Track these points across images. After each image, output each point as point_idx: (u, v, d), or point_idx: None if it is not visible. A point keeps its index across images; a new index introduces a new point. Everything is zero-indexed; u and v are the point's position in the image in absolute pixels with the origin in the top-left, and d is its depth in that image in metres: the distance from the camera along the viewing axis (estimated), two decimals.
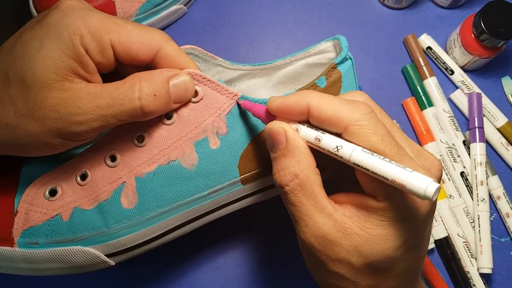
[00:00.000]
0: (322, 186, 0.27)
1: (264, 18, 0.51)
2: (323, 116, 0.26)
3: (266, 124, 0.29)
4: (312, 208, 0.26)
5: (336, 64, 0.34)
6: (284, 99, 0.28)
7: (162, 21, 0.48)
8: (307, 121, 0.28)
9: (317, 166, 0.28)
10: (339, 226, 0.26)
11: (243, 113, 0.33)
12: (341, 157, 0.25)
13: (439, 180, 0.28)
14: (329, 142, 0.26)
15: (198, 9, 0.51)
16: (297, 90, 0.33)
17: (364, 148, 0.25)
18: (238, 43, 0.51)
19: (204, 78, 0.32)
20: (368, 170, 0.24)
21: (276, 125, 0.28)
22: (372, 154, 0.24)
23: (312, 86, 0.33)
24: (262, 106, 0.30)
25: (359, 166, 0.25)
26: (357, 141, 0.25)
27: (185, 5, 0.50)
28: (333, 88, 0.34)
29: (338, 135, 0.26)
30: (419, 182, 0.22)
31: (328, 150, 0.26)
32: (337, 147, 0.25)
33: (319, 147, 0.27)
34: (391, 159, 0.24)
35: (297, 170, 0.27)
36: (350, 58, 0.35)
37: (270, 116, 0.29)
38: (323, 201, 0.27)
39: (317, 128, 0.27)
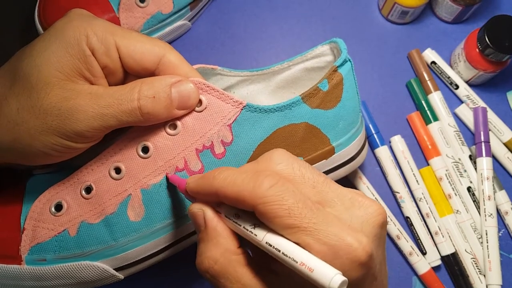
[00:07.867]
0: (248, 263, 0.25)
1: (268, 32, 0.51)
2: (230, 199, 0.24)
3: (191, 201, 0.28)
4: None
5: (337, 66, 0.34)
6: (197, 181, 0.27)
7: (167, 36, 0.48)
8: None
9: None
10: None
11: (248, 121, 0.33)
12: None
13: (382, 225, 0.25)
14: (243, 229, 0.25)
15: (202, 24, 0.52)
16: (301, 95, 0.33)
17: (277, 227, 0.23)
18: (242, 58, 0.51)
19: (208, 87, 0.31)
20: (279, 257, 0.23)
21: (195, 208, 0.27)
22: (276, 245, 0.23)
23: (315, 90, 0.34)
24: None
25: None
26: (266, 220, 0.23)
27: (189, 21, 0.50)
28: (336, 90, 0.34)
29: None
30: (323, 275, 0.21)
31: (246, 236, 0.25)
32: (253, 233, 0.24)
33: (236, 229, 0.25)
34: (303, 231, 0.23)
35: (215, 255, 0.25)
36: (349, 60, 0.35)
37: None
38: (250, 282, 0.25)
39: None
